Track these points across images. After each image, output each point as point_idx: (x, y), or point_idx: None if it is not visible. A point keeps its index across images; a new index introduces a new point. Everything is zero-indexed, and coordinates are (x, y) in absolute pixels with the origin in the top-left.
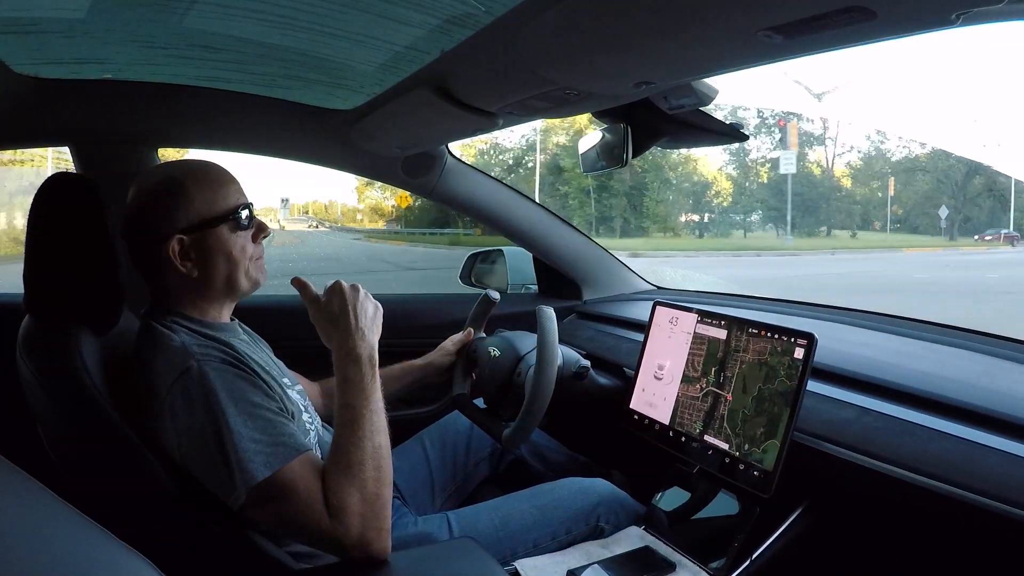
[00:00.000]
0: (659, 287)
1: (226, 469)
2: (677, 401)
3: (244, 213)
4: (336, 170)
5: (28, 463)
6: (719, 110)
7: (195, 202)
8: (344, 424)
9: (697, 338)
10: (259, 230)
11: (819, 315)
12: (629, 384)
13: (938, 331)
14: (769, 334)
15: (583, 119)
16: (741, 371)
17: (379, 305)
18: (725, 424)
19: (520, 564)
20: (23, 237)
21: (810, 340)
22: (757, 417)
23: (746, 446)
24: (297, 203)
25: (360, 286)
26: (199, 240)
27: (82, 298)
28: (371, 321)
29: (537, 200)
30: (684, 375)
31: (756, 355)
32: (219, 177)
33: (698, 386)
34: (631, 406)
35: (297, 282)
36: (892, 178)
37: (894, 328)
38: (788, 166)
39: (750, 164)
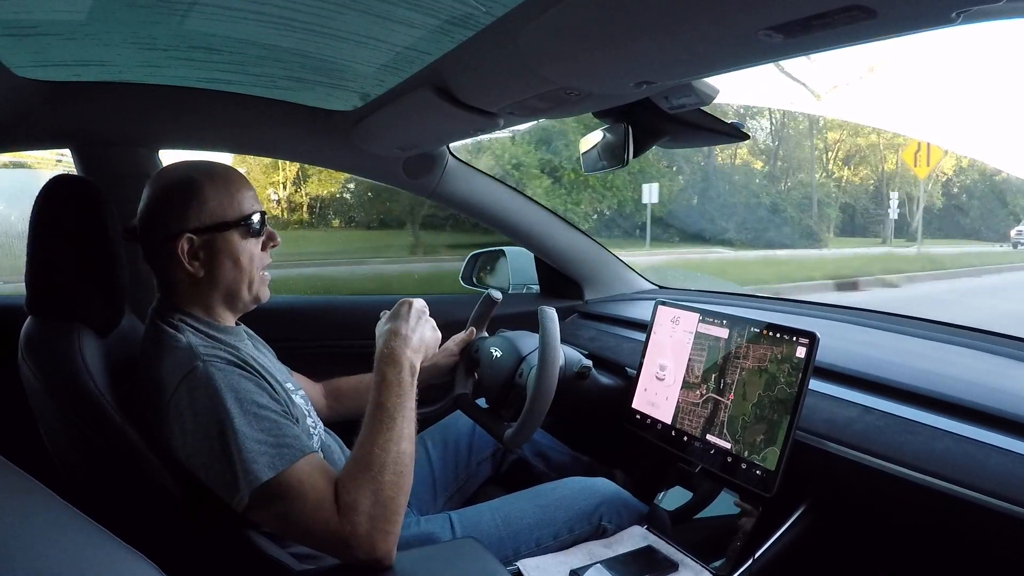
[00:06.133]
0: (661, 287)
1: (230, 470)
2: (678, 405)
3: (256, 219)
4: (337, 171)
5: (30, 464)
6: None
7: (210, 203)
8: (373, 424)
9: (699, 338)
10: (269, 239)
11: (821, 314)
12: (631, 384)
13: (941, 329)
14: (771, 333)
15: None
16: (741, 377)
17: (438, 334)
18: (725, 430)
19: (523, 564)
20: None
21: (812, 339)
22: (757, 424)
23: (746, 452)
24: None
25: (427, 312)
26: (209, 241)
27: (83, 299)
28: (421, 341)
29: None
30: (684, 381)
31: (756, 361)
32: (236, 182)
33: (698, 392)
34: (633, 405)
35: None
36: None
37: (896, 326)
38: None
39: None
